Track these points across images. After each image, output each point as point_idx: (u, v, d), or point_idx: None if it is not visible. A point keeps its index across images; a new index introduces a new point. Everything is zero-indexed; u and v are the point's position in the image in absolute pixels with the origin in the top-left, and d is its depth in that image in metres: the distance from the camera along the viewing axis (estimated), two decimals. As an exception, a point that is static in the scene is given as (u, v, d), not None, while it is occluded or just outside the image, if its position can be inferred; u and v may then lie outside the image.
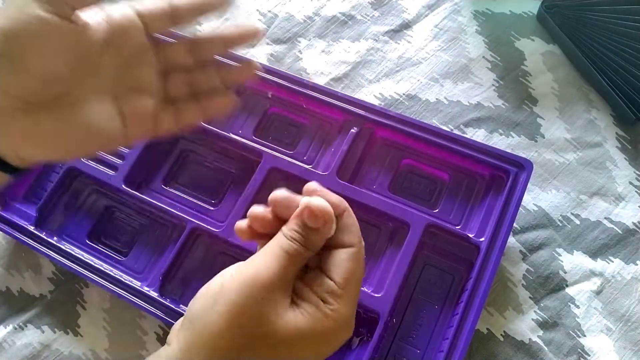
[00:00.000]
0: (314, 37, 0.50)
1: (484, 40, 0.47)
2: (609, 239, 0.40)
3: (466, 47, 0.47)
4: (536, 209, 0.41)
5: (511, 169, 0.40)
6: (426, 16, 0.49)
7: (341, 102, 0.44)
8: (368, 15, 0.50)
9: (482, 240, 0.38)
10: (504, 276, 0.40)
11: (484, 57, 0.47)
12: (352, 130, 0.43)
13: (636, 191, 0.41)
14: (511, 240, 0.40)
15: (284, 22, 0.51)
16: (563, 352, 0.37)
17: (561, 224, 0.40)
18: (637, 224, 0.40)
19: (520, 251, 0.40)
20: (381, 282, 0.38)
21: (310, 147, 0.45)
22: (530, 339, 0.37)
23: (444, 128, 0.45)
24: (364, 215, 0.40)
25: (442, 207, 0.41)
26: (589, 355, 0.37)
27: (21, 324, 0.42)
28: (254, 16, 0.52)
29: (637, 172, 0.41)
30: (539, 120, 0.44)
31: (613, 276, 0.39)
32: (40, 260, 0.44)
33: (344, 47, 0.49)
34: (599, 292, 0.38)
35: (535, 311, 0.38)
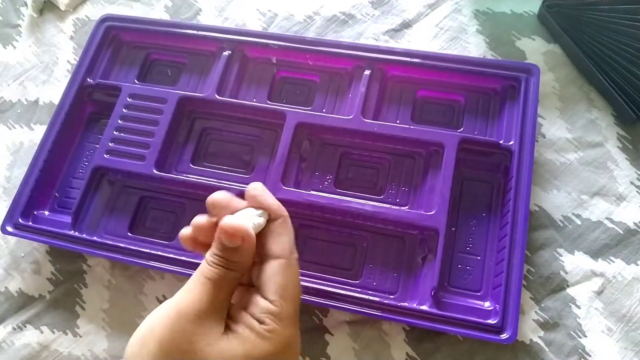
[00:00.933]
0: (314, 37, 0.50)
1: (484, 40, 0.47)
2: (610, 239, 0.40)
3: (467, 46, 0.47)
4: (537, 209, 0.41)
5: (521, 75, 0.42)
6: (426, 15, 0.49)
7: (347, 49, 0.45)
8: (368, 15, 0.50)
9: (512, 143, 0.40)
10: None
11: (484, 56, 0.46)
12: (366, 72, 0.44)
13: (637, 191, 0.41)
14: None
15: (284, 21, 0.51)
16: (564, 352, 0.37)
17: (562, 224, 0.40)
18: (638, 224, 0.40)
19: (521, 251, 0.40)
20: (430, 203, 0.40)
21: (326, 101, 0.46)
22: (531, 339, 0.37)
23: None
24: (396, 148, 0.43)
25: (465, 126, 0.43)
26: (590, 356, 0.37)
27: (20, 324, 0.42)
28: (253, 15, 0.51)
29: (638, 172, 0.41)
30: (540, 120, 0.44)
31: (614, 276, 0.39)
32: (39, 261, 0.44)
33: (344, 46, 0.49)
34: (600, 293, 0.38)
35: (536, 312, 0.38)
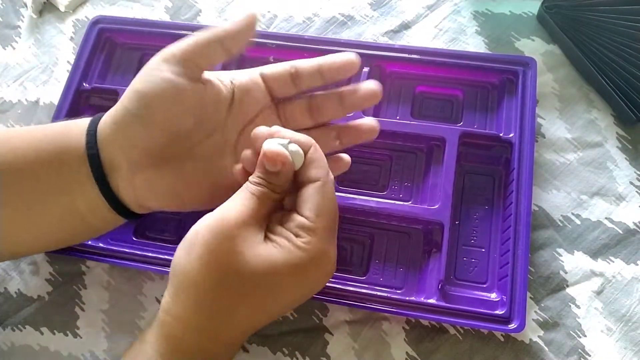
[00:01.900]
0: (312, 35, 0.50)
1: (483, 41, 0.47)
2: (610, 239, 0.40)
3: (466, 47, 0.47)
4: (537, 209, 0.41)
5: (518, 69, 0.43)
6: (426, 17, 0.49)
7: (344, 47, 0.45)
8: (367, 16, 0.50)
9: (512, 135, 0.41)
10: (504, 276, 0.39)
11: (483, 57, 0.47)
12: (364, 69, 0.44)
13: (637, 191, 0.41)
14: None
15: (283, 22, 0.51)
16: (563, 352, 0.37)
17: (562, 224, 0.40)
18: (637, 224, 0.40)
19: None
20: (433, 197, 0.41)
21: None
22: (530, 339, 0.37)
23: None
24: (397, 143, 0.43)
25: (465, 120, 0.44)
26: (590, 356, 0.37)
27: (20, 325, 0.42)
28: (253, 16, 0.52)
29: (638, 172, 0.41)
30: (539, 120, 0.44)
31: (614, 276, 0.39)
32: (37, 262, 0.44)
33: (344, 47, 0.49)
34: (599, 293, 0.38)
35: (535, 311, 0.38)
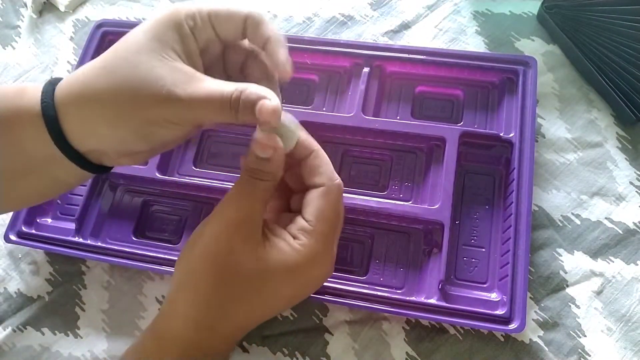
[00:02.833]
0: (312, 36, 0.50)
1: (483, 41, 0.47)
2: (610, 239, 0.40)
3: (466, 47, 0.47)
4: (537, 209, 0.41)
5: (519, 68, 0.43)
6: (426, 17, 0.49)
7: (345, 48, 0.45)
8: (367, 16, 0.50)
9: (512, 135, 0.41)
10: (504, 276, 0.39)
11: (483, 57, 0.47)
12: (365, 69, 0.44)
13: (637, 191, 0.41)
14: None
15: (283, 22, 0.51)
16: (563, 352, 0.37)
17: (562, 224, 0.40)
18: (637, 224, 0.40)
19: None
20: (433, 197, 0.41)
21: (326, 99, 0.46)
22: (530, 339, 0.37)
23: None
24: (397, 143, 0.43)
25: (465, 120, 0.44)
26: (590, 356, 0.37)
27: (20, 326, 0.42)
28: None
29: (638, 172, 0.41)
30: (539, 120, 0.44)
31: (614, 276, 0.39)
32: (37, 262, 0.44)
33: (344, 47, 0.49)
34: (599, 293, 0.38)
35: (535, 311, 0.38)
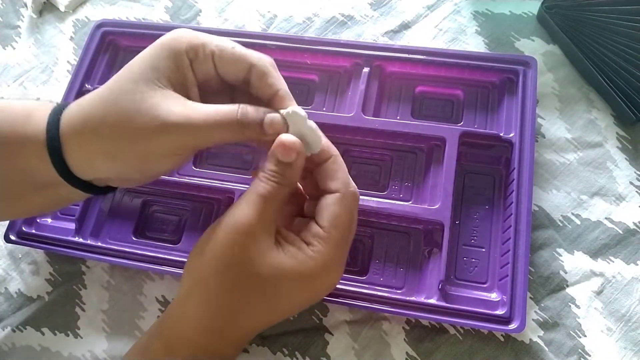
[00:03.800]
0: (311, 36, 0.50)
1: (483, 41, 0.47)
2: (610, 239, 0.40)
3: (466, 47, 0.47)
4: (537, 209, 0.41)
5: (519, 68, 0.43)
6: (426, 17, 0.49)
7: (345, 47, 0.45)
8: (367, 16, 0.50)
9: (512, 135, 0.41)
10: (504, 277, 0.39)
11: (483, 57, 0.47)
12: (365, 69, 0.44)
13: (637, 191, 0.41)
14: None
15: (283, 22, 0.51)
16: (563, 352, 0.37)
17: (562, 224, 0.40)
18: (637, 224, 0.40)
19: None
20: (433, 197, 0.40)
21: (326, 100, 0.46)
22: (530, 339, 0.37)
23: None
24: (397, 143, 0.43)
25: (465, 120, 0.44)
26: (590, 356, 0.37)
27: (20, 325, 0.42)
28: (253, 17, 0.51)
29: (638, 172, 0.41)
30: (539, 120, 0.44)
31: (614, 276, 0.39)
32: (37, 262, 0.44)
33: (344, 47, 0.49)
34: (599, 293, 0.38)
35: (535, 311, 0.38)
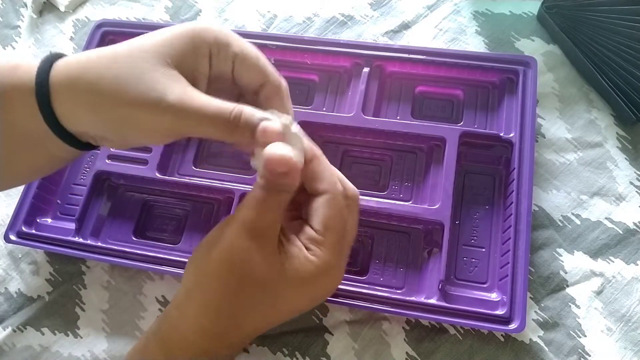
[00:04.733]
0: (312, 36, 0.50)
1: (483, 41, 0.47)
2: (610, 239, 0.40)
3: (466, 47, 0.47)
4: (537, 209, 0.41)
5: (519, 68, 0.43)
6: (425, 17, 0.49)
7: (345, 48, 0.45)
8: (367, 16, 0.50)
9: (512, 135, 0.41)
10: (504, 277, 0.39)
11: (483, 57, 0.47)
12: (365, 69, 0.44)
13: (637, 191, 0.41)
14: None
15: (283, 22, 0.51)
16: (563, 352, 0.37)
17: (562, 224, 0.40)
18: (637, 224, 0.40)
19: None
20: (433, 197, 0.40)
21: (326, 99, 0.46)
22: (530, 339, 0.37)
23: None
24: (397, 143, 0.43)
25: (465, 120, 0.44)
26: (590, 356, 0.37)
27: (20, 326, 0.42)
28: (253, 17, 0.51)
29: (638, 172, 0.41)
30: (539, 120, 0.44)
31: (614, 276, 0.39)
32: (37, 262, 0.44)
33: (344, 47, 0.49)
34: (599, 293, 0.38)
35: (535, 311, 0.38)
